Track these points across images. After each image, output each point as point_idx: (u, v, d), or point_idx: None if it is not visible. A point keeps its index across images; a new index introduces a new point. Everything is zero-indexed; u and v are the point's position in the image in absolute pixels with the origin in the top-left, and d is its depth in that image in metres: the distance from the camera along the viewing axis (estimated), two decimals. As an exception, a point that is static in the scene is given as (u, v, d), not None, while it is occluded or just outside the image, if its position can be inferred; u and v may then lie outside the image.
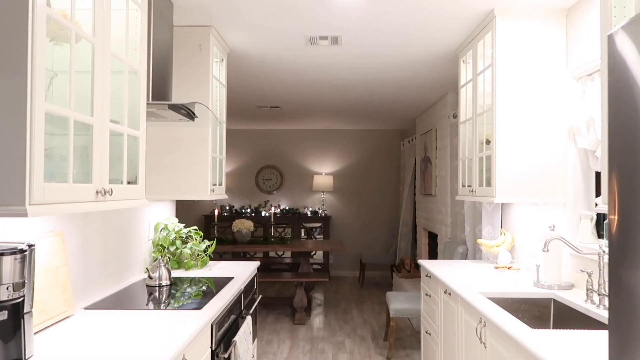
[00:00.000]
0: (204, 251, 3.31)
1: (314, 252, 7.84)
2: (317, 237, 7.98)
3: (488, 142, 3.13)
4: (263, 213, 7.88)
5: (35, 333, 1.79)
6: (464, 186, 3.48)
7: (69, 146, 1.53)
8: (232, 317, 2.62)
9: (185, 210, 7.84)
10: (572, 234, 2.75)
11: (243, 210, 7.97)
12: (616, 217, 1.15)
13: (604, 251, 2.26)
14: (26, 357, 1.51)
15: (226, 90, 3.58)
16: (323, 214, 7.94)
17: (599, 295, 2.25)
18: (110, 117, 1.78)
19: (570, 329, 2.25)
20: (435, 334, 3.19)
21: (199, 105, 2.53)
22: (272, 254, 7.83)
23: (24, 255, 1.46)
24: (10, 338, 1.47)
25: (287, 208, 8.07)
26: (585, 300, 2.34)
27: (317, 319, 5.50)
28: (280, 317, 5.55)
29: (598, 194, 2.66)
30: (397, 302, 4.27)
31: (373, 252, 7.50)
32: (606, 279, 2.26)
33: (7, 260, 1.41)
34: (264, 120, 7.26)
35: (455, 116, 4.90)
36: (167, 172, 3.11)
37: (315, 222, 7.94)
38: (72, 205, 1.47)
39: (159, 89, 2.55)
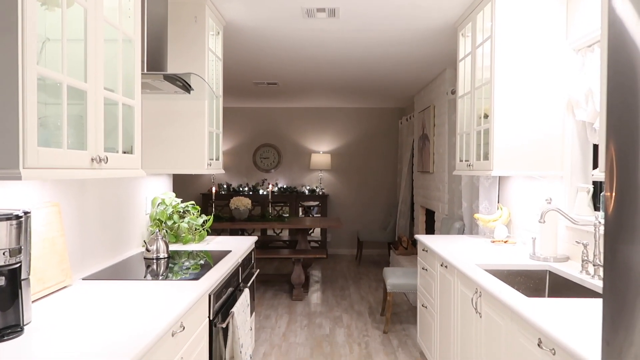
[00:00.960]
0: (202, 225, 3.32)
1: (311, 230, 7.88)
2: (315, 215, 8.00)
3: (486, 116, 3.11)
4: (261, 191, 7.88)
5: (33, 301, 1.80)
6: (461, 161, 3.47)
7: (63, 114, 1.51)
8: (230, 289, 2.63)
9: (182, 188, 7.83)
10: (569, 207, 2.76)
11: (241, 189, 7.97)
12: (613, 191, 1.13)
13: (599, 222, 2.27)
14: (24, 323, 1.52)
15: (222, 64, 3.54)
16: (321, 193, 7.94)
17: (594, 265, 2.26)
18: (104, 85, 1.76)
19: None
20: (432, 306, 3.22)
21: (194, 77, 2.50)
22: (270, 232, 7.86)
23: (20, 221, 1.46)
24: (8, 304, 1.47)
25: (284, 186, 8.07)
26: (581, 271, 2.36)
27: (315, 295, 5.55)
28: (278, 294, 5.59)
29: (595, 167, 2.66)
30: (394, 277, 4.31)
31: (370, 230, 7.53)
32: (601, 249, 2.27)
33: (3, 225, 1.40)
34: (261, 98, 7.21)
35: (453, 92, 4.86)
36: (163, 146, 3.09)
37: (312, 200, 7.95)
38: (67, 171, 1.46)
39: (154, 60, 2.52)
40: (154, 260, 2.67)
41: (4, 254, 1.41)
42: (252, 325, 3.41)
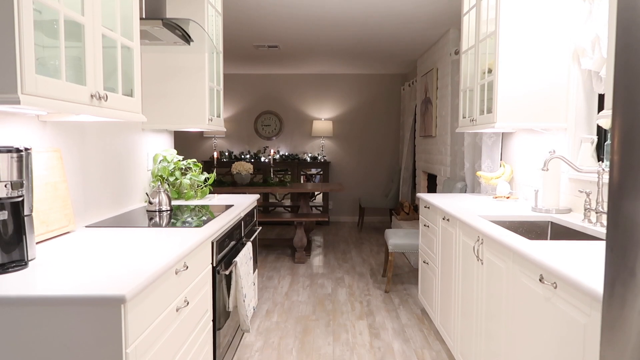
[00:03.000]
0: (204, 182, 3.32)
1: (313, 197, 7.90)
2: (317, 182, 7.99)
3: (490, 71, 3.07)
4: (262, 159, 7.87)
5: (36, 243, 1.81)
6: (464, 118, 3.44)
7: (61, 54, 1.48)
8: (233, 242, 2.65)
9: (184, 155, 7.82)
10: (573, 159, 2.74)
11: (242, 156, 7.96)
12: (619, 135, 1.09)
13: (603, 169, 2.26)
14: (28, 259, 1.53)
15: (222, 20, 3.48)
16: (322, 160, 7.93)
17: (596, 213, 2.26)
18: (102, 23, 1.72)
19: (566, 246, 2.28)
20: (433, 261, 3.24)
21: (193, 25, 2.46)
22: (272, 199, 7.87)
23: (21, 155, 1.45)
24: (12, 239, 1.47)
25: (286, 154, 8.05)
26: (583, 220, 2.36)
27: (317, 259, 5.59)
28: (280, 257, 5.64)
29: (600, 117, 2.63)
30: (396, 238, 4.33)
31: (372, 197, 7.54)
32: (605, 197, 2.27)
33: (4, 157, 1.40)
34: (262, 63, 7.12)
35: (457, 52, 4.79)
36: (164, 101, 3.07)
37: (314, 167, 7.94)
38: (67, 104, 1.45)
39: (153, 9, 2.47)
40: (157, 213, 2.67)
41: (5, 186, 1.41)
42: (255, 282, 3.44)
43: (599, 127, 2.68)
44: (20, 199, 1.46)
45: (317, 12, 4.41)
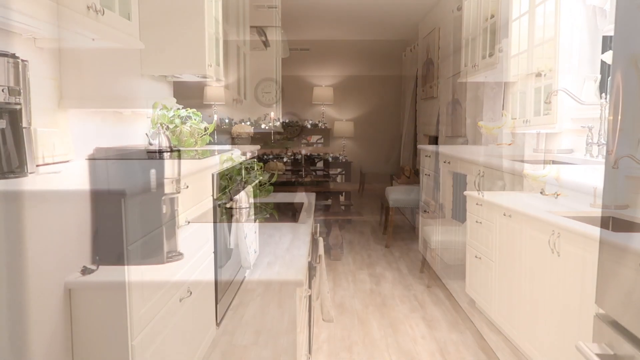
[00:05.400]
0: (204, 131, 3.30)
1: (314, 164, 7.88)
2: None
3: (492, 16, 3.03)
4: (263, 126, 7.82)
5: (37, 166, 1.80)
6: (466, 66, 3.41)
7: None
8: (233, 184, 2.64)
9: (184, 123, 7.78)
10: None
11: (242, 123, 7.92)
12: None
13: (606, 102, 2.24)
14: (28, 171, 1.52)
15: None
16: (323, 127, 7.88)
17: (598, 146, 2.25)
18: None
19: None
20: (434, 205, 3.25)
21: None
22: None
23: (17, 61, 1.43)
24: (11, 149, 1.47)
25: (287, 121, 8.01)
26: (585, 154, 2.35)
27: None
28: (280, 218, 5.64)
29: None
30: (396, 194, 4.33)
31: (373, 163, 7.53)
32: (606, 129, 2.25)
33: (0, 61, 1.38)
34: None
35: (459, 9, 4.72)
36: (163, 46, 3.02)
37: (315, 134, 7.91)
38: (61, 7, 1.42)
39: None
40: (157, 154, 2.66)
41: (2, 90, 1.39)
42: (257, 231, 3.46)
43: (602, 66, 2.65)
44: (18, 106, 1.45)
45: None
